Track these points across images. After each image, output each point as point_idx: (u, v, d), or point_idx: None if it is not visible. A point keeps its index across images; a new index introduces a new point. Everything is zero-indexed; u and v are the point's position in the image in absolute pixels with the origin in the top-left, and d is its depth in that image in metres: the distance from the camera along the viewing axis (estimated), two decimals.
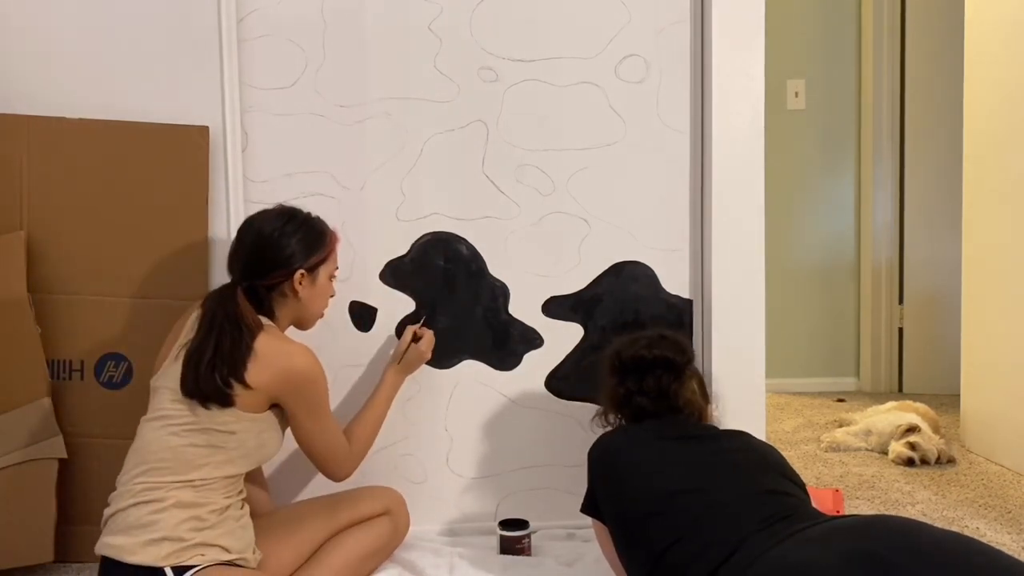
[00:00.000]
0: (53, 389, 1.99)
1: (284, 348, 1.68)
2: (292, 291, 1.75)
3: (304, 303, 1.78)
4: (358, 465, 1.88)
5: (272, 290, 1.75)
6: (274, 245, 1.74)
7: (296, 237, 1.76)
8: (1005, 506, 2.44)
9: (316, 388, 1.71)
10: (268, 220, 1.77)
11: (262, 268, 1.74)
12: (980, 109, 2.93)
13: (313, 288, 1.78)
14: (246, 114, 2.09)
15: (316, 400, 1.72)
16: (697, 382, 1.80)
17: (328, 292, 1.85)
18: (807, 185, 3.99)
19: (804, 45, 3.94)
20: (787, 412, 3.60)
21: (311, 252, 1.77)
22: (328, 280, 1.83)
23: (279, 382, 1.65)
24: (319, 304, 1.83)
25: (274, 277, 1.74)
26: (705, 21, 2.13)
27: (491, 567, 1.94)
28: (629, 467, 1.61)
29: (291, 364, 1.66)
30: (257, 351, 1.63)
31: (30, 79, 2.04)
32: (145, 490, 1.56)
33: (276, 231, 1.75)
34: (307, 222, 1.80)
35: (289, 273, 1.74)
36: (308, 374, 1.69)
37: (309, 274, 1.77)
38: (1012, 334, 2.75)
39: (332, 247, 1.83)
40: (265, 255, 1.74)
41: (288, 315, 1.79)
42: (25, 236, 1.98)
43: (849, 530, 1.31)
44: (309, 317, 1.84)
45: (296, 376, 1.67)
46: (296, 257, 1.75)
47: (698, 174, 2.18)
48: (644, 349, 1.75)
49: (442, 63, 2.13)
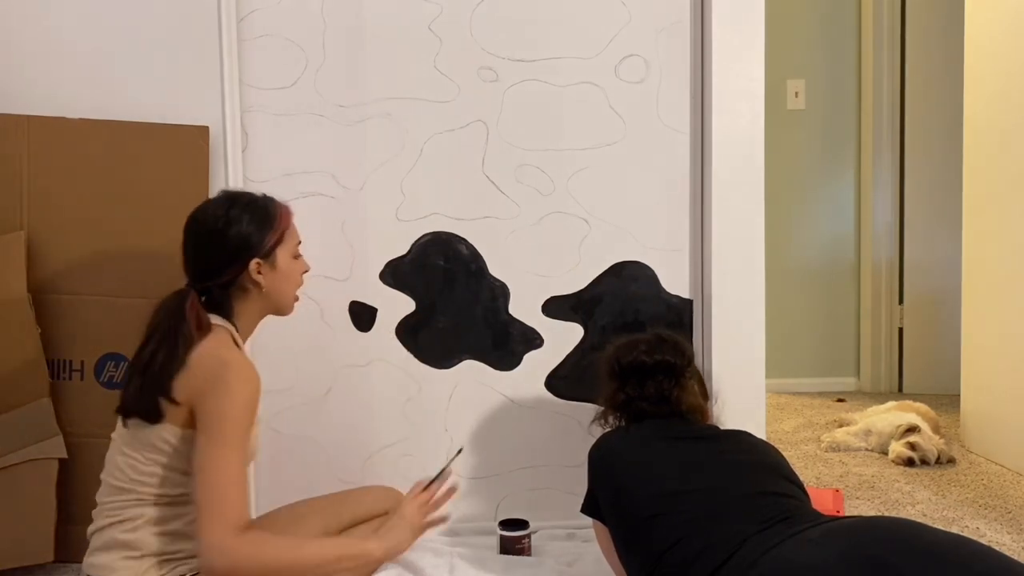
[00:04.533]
0: (53, 389, 1.98)
1: (221, 356, 1.50)
2: (252, 283, 1.59)
3: (270, 292, 1.61)
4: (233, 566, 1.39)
5: (230, 287, 1.59)
6: (219, 240, 1.57)
7: (241, 225, 1.57)
8: (1005, 506, 2.44)
9: (228, 404, 1.44)
10: (208, 212, 1.60)
11: (212, 267, 1.58)
12: (980, 109, 2.93)
13: (275, 273, 1.61)
14: (246, 114, 2.09)
15: (221, 418, 1.44)
16: (697, 382, 1.79)
17: (297, 271, 1.67)
18: (807, 185, 3.99)
19: (804, 45, 3.94)
20: (787, 412, 3.60)
21: (262, 237, 1.59)
22: (292, 259, 1.65)
23: (200, 388, 1.46)
24: (288, 287, 1.66)
25: (228, 274, 1.58)
26: (705, 21, 2.13)
27: (491, 567, 1.94)
28: (630, 467, 1.61)
29: (218, 373, 1.47)
30: (190, 362, 1.48)
31: (30, 79, 2.04)
32: (116, 509, 1.51)
33: (219, 222, 1.57)
34: (251, 204, 1.61)
35: (242, 267, 1.58)
36: (231, 387, 1.46)
37: (266, 261, 1.60)
38: (1012, 334, 2.75)
39: (285, 223, 1.64)
40: (212, 253, 1.58)
41: (255, 309, 1.63)
42: (25, 236, 1.98)
43: (849, 531, 1.31)
44: (283, 303, 1.67)
45: (218, 385, 1.46)
46: (246, 247, 1.58)
47: (698, 174, 2.18)
48: (644, 355, 1.74)
49: (442, 63, 2.13)
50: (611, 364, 1.78)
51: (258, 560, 1.41)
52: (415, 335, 2.17)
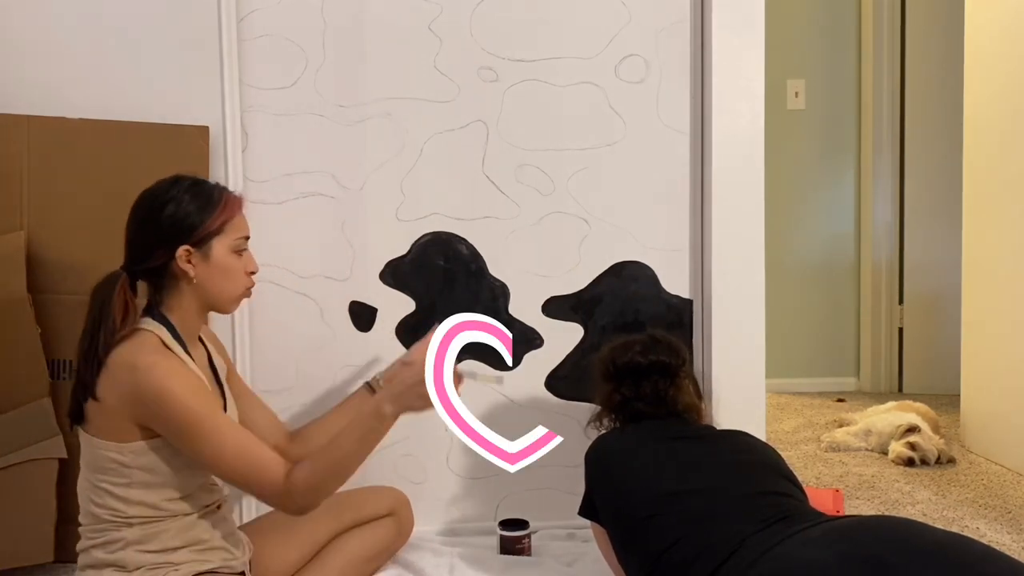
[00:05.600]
0: (53, 389, 1.98)
1: (129, 361, 1.41)
2: (181, 273, 1.47)
3: (202, 284, 1.48)
4: (310, 506, 1.47)
5: (159, 275, 1.48)
6: (152, 220, 1.47)
7: (178, 206, 1.46)
8: (1005, 506, 2.44)
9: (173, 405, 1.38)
10: (151, 190, 1.51)
11: (142, 249, 1.48)
12: (980, 109, 2.93)
13: (207, 265, 1.48)
14: (246, 114, 2.09)
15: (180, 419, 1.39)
16: (692, 382, 1.80)
17: (237, 268, 1.52)
18: (807, 185, 3.99)
19: (804, 45, 3.94)
20: (787, 412, 3.60)
21: (196, 221, 1.46)
22: (232, 254, 1.50)
23: (129, 404, 1.40)
24: (225, 284, 1.51)
25: (156, 258, 1.46)
26: (705, 21, 2.13)
27: (491, 567, 1.94)
28: (627, 469, 1.61)
29: (135, 379, 1.39)
30: (108, 364, 1.41)
31: (30, 79, 2.04)
32: (96, 532, 1.48)
33: (157, 200, 1.47)
34: (194, 187, 1.50)
35: (170, 251, 1.46)
36: (156, 390, 1.38)
37: (198, 250, 1.47)
38: (1012, 334, 2.75)
39: (228, 214, 1.50)
40: (144, 233, 1.48)
41: (190, 304, 1.50)
42: (25, 236, 1.98)
43: (848, 530, 1.31)
44: (219, 300, 1.53)
45: (145, 394, 1.39)
46: (177, 230, 1.46)
47: (698, 174, 2.18)
48: (639, 355, 1.75)
49: (442, 63, 2.13)
50: (606, 365, 1.79)
51: (318, 481, 1.44)
52: (415, 335, 2.17)
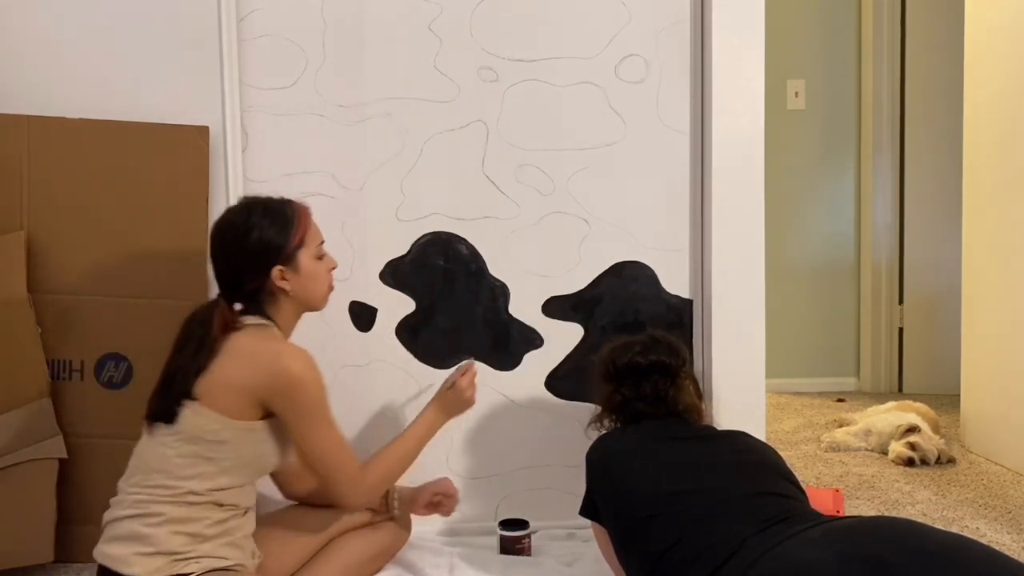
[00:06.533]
0: (53, 389, 1.98)
1: (271, 347, 1.57)
2: (279, 289, 1.62)
3: (297, 294, 1.63)
4: (369, 497, 1.76)
5: (259, 295, 1.62)
6: (240, 250, 1.61)
7: (260, 232, 1.59)
8: (1005, 506, 2.44)
9: (306, 393, 1.56)
10: (228, 222, 1.64)
11: (237, 278, 1.62)
12: (980, 109, 2.93)
13: (299, 277, 1.63)
14: (246, 114, 2.09)
15: (308, 406, 1.57)
16: (692, 383, 1.80)
17: (323, 269, 1.68)
18: (807, 185, 3.99)
19: (804, 45, 3.94)
20: (787, 412, 3.60)
21: (281, 242, 1.61)
22: (315, 260, 1.66)
23: (264, 384, 1.54)
24: (317, 287, 1.67)
25: (253, 283, 1.61)
26: (705, 21, 2.13)
27: (491, 567, 1.94)
28: (627, 469, 1.61)
29: (278, 365, 1.55)
30: (231, 349, 1.55)
31: (30, 79, 2.04)
32: (139, 502, 1.52)
33: (239, 229, 1.60)
34: (268, 210, 1.62)
35: (265, 275, 1.61)
36: (297, 376, 1.55)
37: (288, 266, 1.62)
38: (1012, 334, 2.75)
39: (304, 227, 1.64)
40: (235, 263, 1.61)
41: (289, 311, 1.66)
42: (25, 236, 1.98)
43: (849, 531, 1.31)
44: (313, 302, 1.69)
45: (283, 378, 1.54)
46: (266, 255, 1.60)
47: (698, 174, 2.18)
48: (639, 355, 1.75)
49: (442, 63, 2.13)
50: (606, 366, 1.79)
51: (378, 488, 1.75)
52: (415, 335, 2.17)
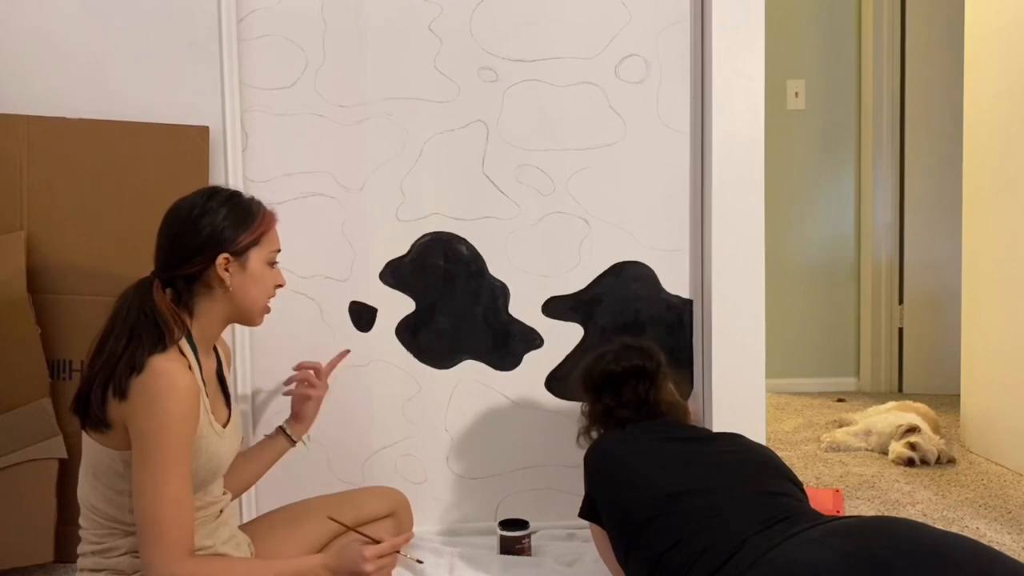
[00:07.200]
0: (53, 389, 1.98)
1: (150, 367, 1.38)
2: (218, 280, 1.49)
3: (236, 293, 1.51)
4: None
5: (193, 282, 1.50)
6: (191, 227, 1.49)
7: (217, 216, 1.50)
8: (1005, 506, 2.44)
9: (158, 422, 1.35)
10: (187, 200, 1.53)
11: (179, 256, 1.49)
12: (980, 109, 2.93)
13: (244, 275, 1.52)
14: (246, 114, 2.09)
15: (152, 439, 1.35)
16: (673, 383, 1.82)
17: (269, 280, 1.57)
18: (807, 185, 3.99)
19: (804, 45, 3.94)
20: (787, 412, 3.60)
21: (236, 232, 1.51)
22: (266, 266, 1.56)
23: (128, 405, 1.37)
24: (256, 294, 1.54)
25: (192, 264, 1.48)
26: (705, 21, 2.13)
27: (491, 567, 1.94)
28: (627, 470, 1.61)
29: (144, 385, 1.36)
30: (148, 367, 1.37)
31: (30, 79, 2.04)
32: (95, 540, 1.47)
33: (196, 210, 1.50)
34: (232, 199, 1.54)
35: (210, 259, 1.48)
36: (156, 400, 1.35)
37: (236, 259, 1.51)
38: (1012, 334, 2.75)
39: (265, 227, 1.55)
40: (181, 240, 1.49)
41: (217, 312, 1.52)
42: (25, 236, 1.98)
43: (849, 531, 1.31)
44: (249, 310, 1.55)
45: (144, 399, 1.36)
46: (217, 239, 1.49)
47: (698, 174, 2.18)
48: (612, 363, 1.79)
49: (442, 63, 2.13)
50: (584, 378, 1.84)
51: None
52: (415, 335, 2.17)
